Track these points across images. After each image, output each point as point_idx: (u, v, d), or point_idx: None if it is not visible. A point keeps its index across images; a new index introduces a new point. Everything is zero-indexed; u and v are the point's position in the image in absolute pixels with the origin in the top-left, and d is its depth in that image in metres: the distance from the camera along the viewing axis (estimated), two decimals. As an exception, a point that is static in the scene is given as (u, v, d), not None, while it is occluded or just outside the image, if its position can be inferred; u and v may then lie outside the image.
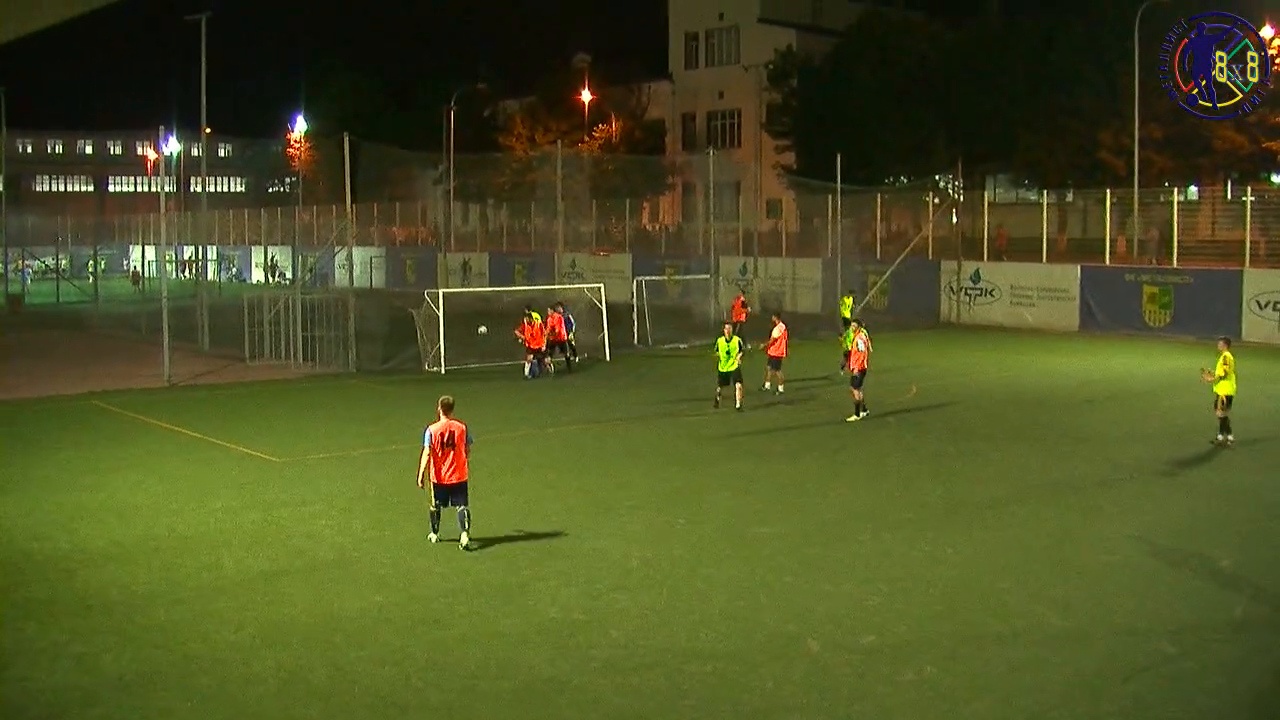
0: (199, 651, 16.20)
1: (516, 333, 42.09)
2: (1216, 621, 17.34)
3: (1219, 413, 29.52)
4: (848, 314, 49.37)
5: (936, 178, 75.65)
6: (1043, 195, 66.98)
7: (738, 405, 34.47)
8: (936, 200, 72.79)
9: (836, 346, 40.17)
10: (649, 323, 51.45)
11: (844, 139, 69.46)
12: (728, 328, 35.58)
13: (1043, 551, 20.91)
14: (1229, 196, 66.78)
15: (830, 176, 60.97)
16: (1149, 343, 52.22)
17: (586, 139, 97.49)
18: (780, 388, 37.61)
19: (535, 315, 42.11)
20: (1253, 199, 57.50)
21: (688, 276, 62.71)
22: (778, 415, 34.41)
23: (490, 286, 75.03)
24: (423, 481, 21.08)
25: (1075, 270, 59.83)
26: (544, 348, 42.04)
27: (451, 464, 20.82)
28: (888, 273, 63.68)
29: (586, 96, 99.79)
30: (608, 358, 46.39)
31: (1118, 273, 58.70)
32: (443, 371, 42.51)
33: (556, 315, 42.93)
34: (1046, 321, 59.27)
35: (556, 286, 54.27)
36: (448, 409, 21.04)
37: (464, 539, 20.93)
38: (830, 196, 62.98)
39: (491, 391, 38.33)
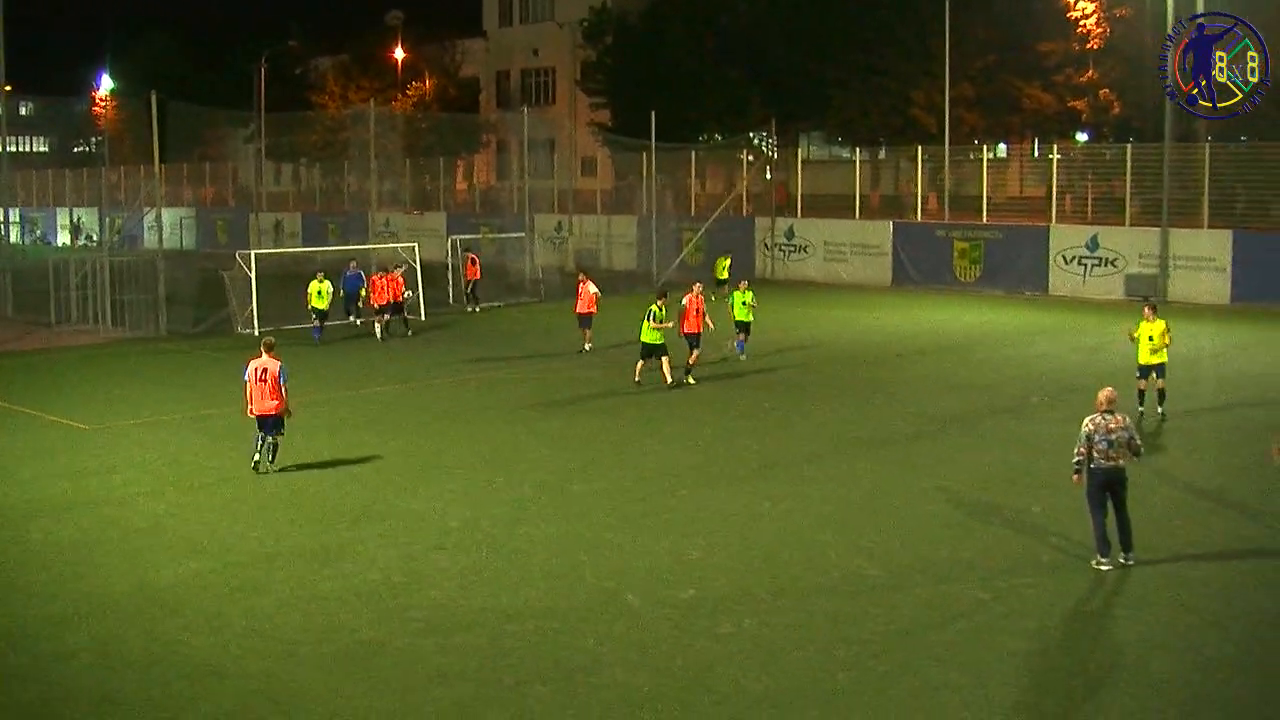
0: (8, 627, 15.79)
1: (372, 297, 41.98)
2: (1026, 567, 17.76)
3: (1141, 385, 27.90)
4: (724, 275, 49.64)
5: (751, 135, 76.08)
6: (856, 152, 67.72)
7: (668, 381, 31.94)
8: (751, 158, 73.23)
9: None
10: (464, 281, 51.15)
11: (659, 97, 69.43)
12: (661, 300, 32.74)
13: (859, 504, 21.24)
14: (1036, 154, 68.20)
15: (645, 134, 61.02)
16: (960, 297, 53.23)
17: (400, 97, 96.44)
18: (588, 345, 37.66)
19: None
20: (1059, 156, 58.78)
21: (503, 235, 62.38)
22: (596, 374, 34.41)
23: (303, 247, 73.99)
24: (250, 411, 23.19)
25: (888, 226, 60.68)
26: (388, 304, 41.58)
27: (264, 397, 22.86)
28: (702, 230, 63.95)
29: (399, 54, 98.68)
30: (423, 317, 46.05)
31: (929, 229, 59.69)
32: (256, 334, 41.82)
33: (396, 276, 42.28)
34: (860, 277, 60.06)
35: (370, 246, 53.67)
36: (269, 348, 23.15)
37: (263, 463, 23.16)
38: (645, 154, 63.08)
39: (307, 354, 37.78)
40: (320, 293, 40.06)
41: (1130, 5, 62.71)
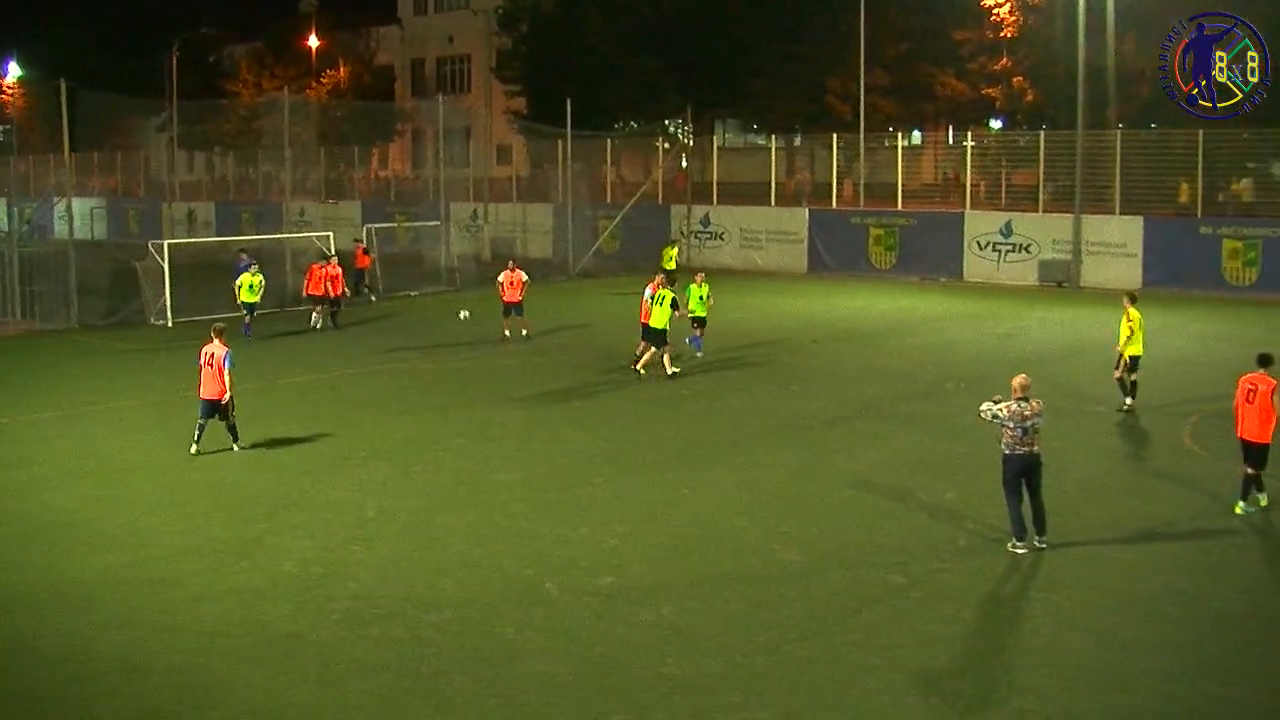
0: (-82, 621, 15.62)
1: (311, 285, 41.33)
2: (943, 551, 17.94)
3: (1118, 374, 27.49)
4: (672, 265, 48.63)
5: (667, 123, 76.13)
6: (771, 140, 67.93)
7: (668, 372, 31.51)
8: (667, 145, 73.27)
9: (575, 294, 39.66)
10: (380, 270, 50.87)
11: (575, 85, 69.30)
12: (660, 277, 32.73)
13: (776, 490, 21.35)
14: (950, 141, 68.65)
15: (561, 122, 60.87)
16: (875, 284, 53.56)
17: (314, 85, 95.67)
18: (525, 331, 37.64)
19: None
20: (972, 144, 59.22)
21: (418, 223, 62.03)
22: (513, 362, 34.37)
23: (217, 236, 73.31)
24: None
25: (803, 213, 60.93)
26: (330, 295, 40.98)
27: (208, 382, 23.53)
28: (618, 218, 63.94)
29: (314, 42, 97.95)
30: (373, 299, 45.85)
31: (844, 215, 59.98)
32: (169, 324, 41.48)
33: (333, 268, 41.68)
34: (776, 264, 60.28)
35: (285, 235, 53.23)
36: (218, 334, 23.92)
37: (234, 447, 23.94)
38: (561, 142, 62.95)
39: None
40: (252, 286, 39.12)
41: (1044, -6, 63.25)
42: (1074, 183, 53.09)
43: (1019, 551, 17.64)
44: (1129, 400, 27.39)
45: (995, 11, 66.08)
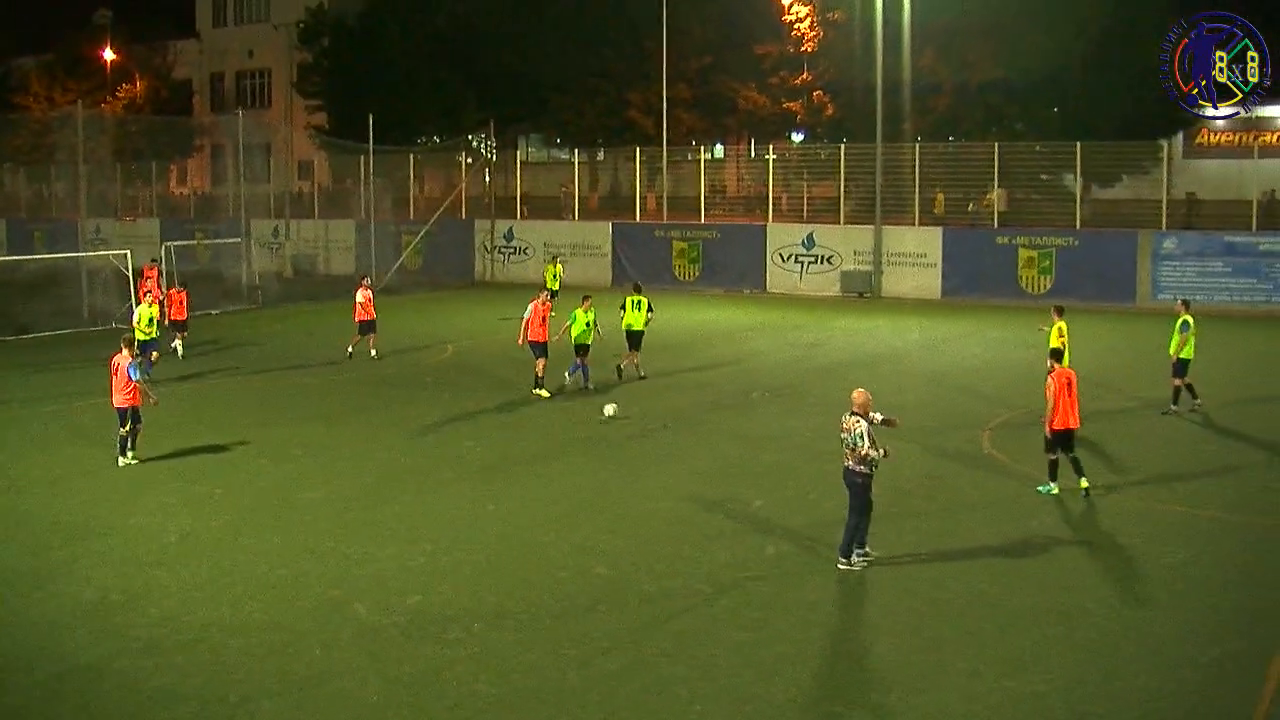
0: None
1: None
2: (750, 560, 18.08)
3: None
4: (556, 285, 46.71)
5: (469, 138, 75.92)
6: (574, 154, 68.08)
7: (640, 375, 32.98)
8: (469, 160, 73.06)
9: (381, 310, 38.69)
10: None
11: (377, 99, 68.87)
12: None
13: (584, 503, 21.34)
14: (753, 154, 69.45)
15: (363, 137, 60.40)
16: (680, 296, 53.86)
17: (110, 99, 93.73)
18: (372, 351, 37.09)
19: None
20: (774, 157, 59.98)
21: (218, 241, 61.07)
22: (314, 380, 33.93)
23: (8, 256, 71.39)
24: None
25: (607, 227, 61.15)
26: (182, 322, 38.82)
27: (115, 390, 24.17)
28: (421, 233, 63.56)
29: (109, 55, 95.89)
30: (136, 326, 44.67)
31: (648, 228, 60.31)
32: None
33: (178, 292, 39.46)
34: (581, 278, 60.33)
35: (80, 254, 52.00)
36: (127, 344, 24.50)
37: (125, 457, 24.34)
38: (363, 157, 62.44)
39: (16, 367, 36.38)
40: (152, 319, 34.55)
41: (843, 9, 64.27)
42: (874, 195, 54.03)
43: (846, 567, 17.70)
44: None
45: (796, 26, 67.02)
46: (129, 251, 48.30)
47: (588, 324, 32.33)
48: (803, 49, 67.57)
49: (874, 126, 53.84)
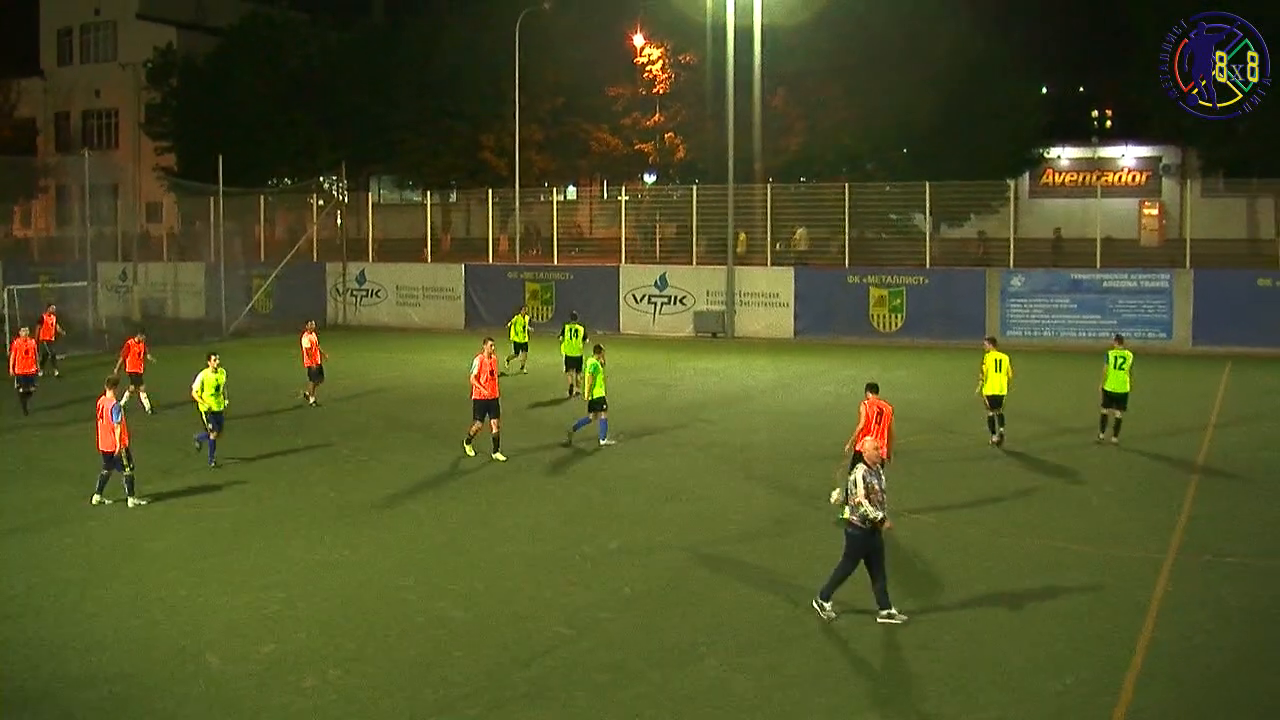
0: None
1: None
2: (608, 601, 18.02)
3: (989, 412, 29.79)
4: (524, 338, 44.08)
5: (321, 179, 75.43)
6: (426, 196, 67.88)
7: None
8: (321, 202, 72.56)
9: (231, 355, 37.79)
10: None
11: (227, 141, 68.31)
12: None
13: (440, 547, 21.16)
14: (605, 196, 69.74)
15: (213, 179, 59.66)
16: (533, 339, 53.56)
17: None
18: (313, 398, 36.35)
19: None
20: (627, 198, 60.24)
21: (63, 284, 59.90)
22: (161, 425, 33.20)
23: None
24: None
25: (460, 269, 60.99)
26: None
27: (101, 433, 23.89)
28: (272, 276, 62.89)
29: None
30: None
31: (501, 270, 60.23)
32: None
33: (137, 342, 36.13)
34: (433, 320, 60.21)
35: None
36: (110, 385, 24.53)
37: (129, 501, 23.97)
38: (213, 199, 61.68)
39: None
40: (218, 386, 29.32)
41: (694, 51, 64.84)
42: (726, 235, 54.42)
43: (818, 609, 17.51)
44: (995, 437, 29.55)
45: (648, 68, 67.48)
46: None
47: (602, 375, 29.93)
48: (655, 90, 68.09)
49: (725, 167, 54.25)
